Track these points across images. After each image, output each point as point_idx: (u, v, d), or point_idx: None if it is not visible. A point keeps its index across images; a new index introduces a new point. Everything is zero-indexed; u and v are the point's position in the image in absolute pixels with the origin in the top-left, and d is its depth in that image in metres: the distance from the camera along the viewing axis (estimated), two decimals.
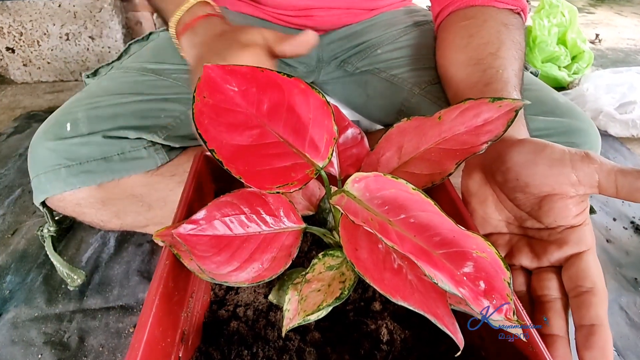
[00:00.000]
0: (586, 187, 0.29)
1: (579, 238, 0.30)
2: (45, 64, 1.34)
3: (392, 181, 0.24)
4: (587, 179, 0.29)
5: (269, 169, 0.27)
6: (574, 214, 0.31)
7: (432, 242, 0.24)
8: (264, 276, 0.29)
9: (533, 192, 0.31)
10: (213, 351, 0.32)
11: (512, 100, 0.28)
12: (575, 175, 0.29)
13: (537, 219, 0.32)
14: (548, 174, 0.30)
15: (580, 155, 0.29)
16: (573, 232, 0.31)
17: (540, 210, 0.31)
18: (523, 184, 0.31)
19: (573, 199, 0.30)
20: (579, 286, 0.29)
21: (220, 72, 0.29)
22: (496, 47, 0.46)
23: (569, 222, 0.31)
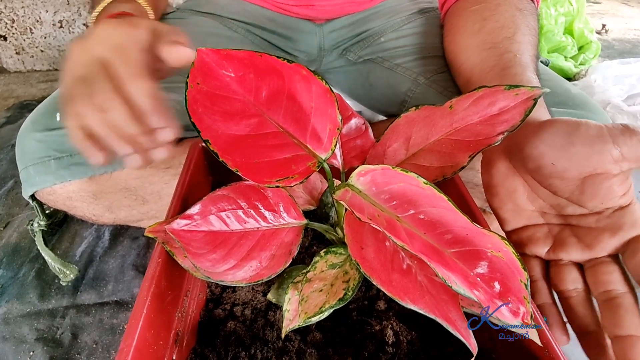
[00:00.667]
0: (631, 162, 0.26)
1: (634, 219, 0.27)
2: (38, 52, 1.31)
3: (401, 174, 0.22)
4: (632, 153, 0.26)
5: (268, 161, 0.25)
6: (620, 194, 0.28)
7: (443, 240, 0.23)
8: (262, 275, 0.27)
9: (573, 175, 0.28)
10: (209, 353, 0.30)
11: (530, 87, 0.26)
12: (618, 150, 0.26)
13: (580, 204, 0.29)
14: (588, 153, 0.27)
15: (619, 129, 0.27)
16: (625, 213, 0.28)
17: (583, 194, 0.29)
18: (561, 168, 0.28)
19: (617, 177, 0.27)
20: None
21: (215, 56, 0.27)
22: (512, 31, 0.43)
23: (617, 202, 0.28)
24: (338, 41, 0.66)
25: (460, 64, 0.47)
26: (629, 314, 0.26)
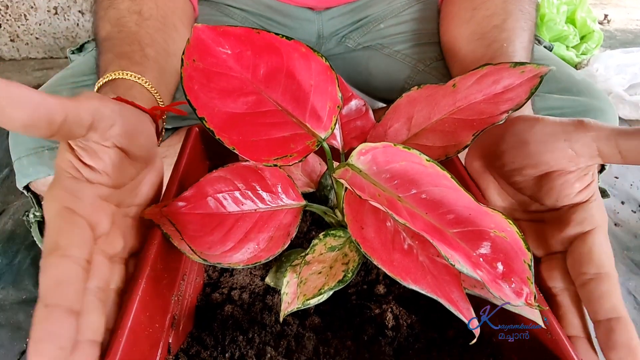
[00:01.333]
0: (586, 158, 0.26)
1: (583, 217, 0.27)
2: (33, 39, 1.29)
3: (403, 152, 0.22)
4: (585, 149, 0.25)
5: (266, 140, 0.25)
6: (577, 190, 0.27)
7: (446, 220, 0.22)
8: (260, 257, 0.26)
9: (530, 173, 0.28)
10: (206, 337, 0.30)
11: (536, 65, 0.25)
12: (571, 147, 0.26)
13: (540, 201, 0.29)
14: (542, 151, 0.27)
15: (573, 125, 0.26)
16: (576, 210, 0.28)
17: (541, 192, 0.29)
18: (519, 166, 0.28)
19: (574, 174, 0.27)
20: (582, 273, 0.26)
21: (211, 33, 0.26)
22: (502, 18, 0.42)
23: (572, 199, 0.28)
24: (337, 28, 0.65)
25: (454, 54, 0.47)
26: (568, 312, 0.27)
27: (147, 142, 0.29)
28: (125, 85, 0.35)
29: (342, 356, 0.28)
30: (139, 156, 0.27)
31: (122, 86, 0.34)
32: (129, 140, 0.25)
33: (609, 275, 0.26)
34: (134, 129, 0.26)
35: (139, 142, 0.27)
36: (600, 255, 0.26)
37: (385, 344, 0.29)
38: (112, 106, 0.25)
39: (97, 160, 0.24)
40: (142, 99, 0.35)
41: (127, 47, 0.39)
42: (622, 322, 0.24)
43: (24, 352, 0.50)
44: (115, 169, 0.25)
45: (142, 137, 0.28)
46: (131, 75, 0.35)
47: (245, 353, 0.28)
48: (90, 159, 0.24)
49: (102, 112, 0.23)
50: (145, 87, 0.35)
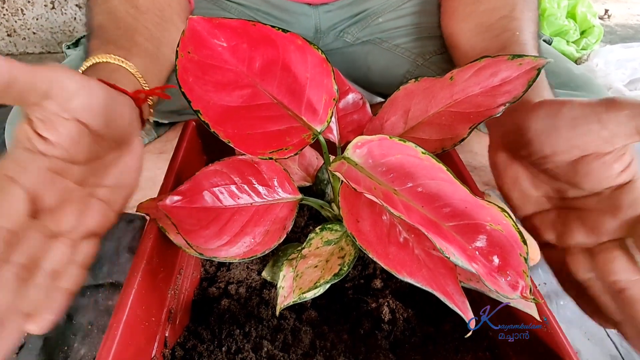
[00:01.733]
0: (623, 138, 0.24)
1: (633, 197, 0.25)
2: (30, 34, 1.28)
3: (398, 145, 0.22)
4: (621, 128, 0.24)
5: (261, 133, 0.25)
6: (618, 171, 0.26)
7: (442, 213, 0.22)
8: (256, 251, 0.26)
9: (563, 159, 0.27)
10: (202, 330, 0.30)
11: (534, 57, 0.25)
12: (605, 129, 0.25)
13: (578, 186, 0.28)
14: (572, 136, 0.25)
15: (604, 105, 0.24)
16: (623, 192, 0.26)
17: (578, 176, 0.27)
18: (549, 153, 0.27)
19: (611, 155, 0.26)
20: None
21: (206, 25, 0.26)
22: (509, 9, 0.42)
23: (615, 181, 0.26)
24: (335, 22, 0.64)
25: (457, 48, 0.46)
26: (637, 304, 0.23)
27: (122, 123, 0.27)
28: (109, 69, 0.33)
29: (339, 350, 0.28)
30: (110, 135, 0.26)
31: (105, 69, 0.33)
32: (93, 115, 0.24)
33: None
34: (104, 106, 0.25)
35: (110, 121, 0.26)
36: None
37: (382, 337, 0.29)
38: (79, 80, 0.23)
39: (53, 132, 0.23)
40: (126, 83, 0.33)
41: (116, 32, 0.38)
42: None
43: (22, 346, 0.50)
44: (73, 143, 0.24)
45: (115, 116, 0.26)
46: (115, 59, 0.34)
47: (241, 347, 0.28)
48: (46, 130, 0.23)
49: (64, 83, 0.22)
50: (130, 71, 0.34)
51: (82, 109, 0.23)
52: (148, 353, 0.26)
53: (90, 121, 0.24)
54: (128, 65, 0.34)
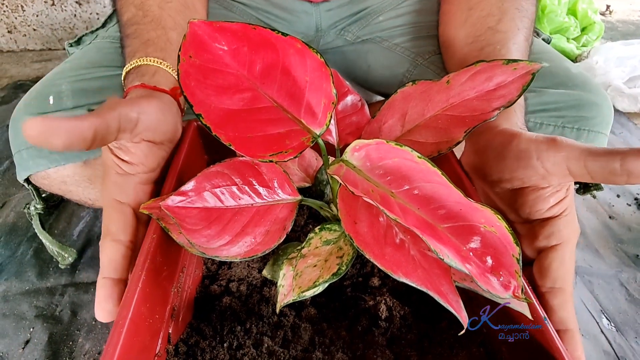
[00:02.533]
0: (558, 177, 0.26)
1: (550, 231, 0.28)
2: (30, 30, 1.28)
3: (395, 149, 0.22)
4: (556, 169, 0.26)
5: (262, 136, 0.25)
6: (550, 205, 0.28)
7: (437, 215, 0.23)
8: (256, 251, 0.27)
9: (506, 187, 0.29)
10: (205, 327, 0.31)
11: (529, 62, 0.25)
12: (542, 166, 0.26)
13: (515, 213, 0.30)
14: (515, 167, 0.28)
15: (546, 143, 0.26)
16: (545, 225, 0.28)
17: (515, 204, 0.30)
18: (497, 178, 0.29)
19: (547, 189, 0.28)
20: (540, 285, 0.28)
21: (207, 29, 0.27)
22: (497, 18, 0.42)
23: (544, 214, 0.28)
24: (335, 20, 0.64)
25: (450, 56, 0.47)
26: None
27: (171, 126, 0.33)
28: (150, 71, 0.37)
29: (337, 346, 0.29)
30: (165, 140, 0.32)
31: (146, 72, 0.37)
32: (153, 131, 0.30)
33: (562, 290, 0.27)
34: (157, 120, 0.31)
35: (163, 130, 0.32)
36: (557, 271, 0.27)
37: (379, 334, 0.29)
38: (134, 108, 0.29)
39: (132, 155, 0.30)
40: (166, 82, 0.37)
41: (152, 33, 0.41)
42: (569, 334, 0.26)
43: (28, 341, 0.51)
44: (147, 158, 0.30)
45: (165, 124, 0.32)
46: (154, 61, 0.38)
47: (243, 343, 0.29)
48: (126, 155, 0.30)
49: (127, 116, 0.27)
50: (168, 71, 0.38)
51: (145, 130, 0.29)
52: (152, 349, 0.27)
53: (152, 137, 0.30)
54: (165, 65, 0.38)
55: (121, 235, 0.28)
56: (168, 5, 0.44)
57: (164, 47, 0.40)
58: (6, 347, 0.50)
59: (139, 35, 0.41)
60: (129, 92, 0.35)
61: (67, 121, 0.23)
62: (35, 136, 0.22)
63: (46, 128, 0.22)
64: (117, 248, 0.28)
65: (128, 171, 0.30)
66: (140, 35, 0.41)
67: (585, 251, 0.64)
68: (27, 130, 0.21)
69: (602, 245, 0.65)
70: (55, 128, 0.22)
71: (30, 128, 0.21)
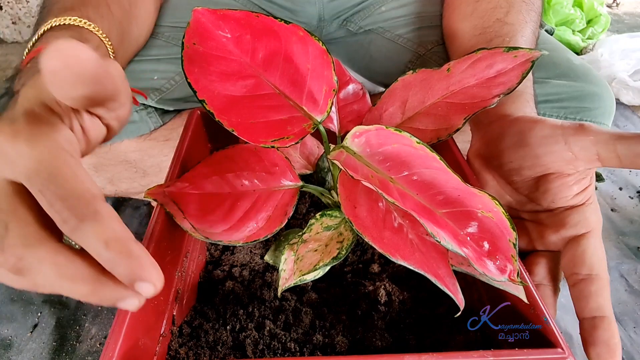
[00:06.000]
0: (585, 162, 0.26)
1: (578, 219, 0.28)
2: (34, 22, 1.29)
3: (395, 135, 0.23)
4: (584, 153, 0.26)
5: (264, 122, 0.26)
6: (574, 193, 0.28)
7: (436, 200, 0.23)
8: (258, 235, 0.28)
9: (528, 174, 0.29)
10: (208, 310, 0.31)
11: (529, 50, 0.26)
12: (570, 151, 0.26)
13: (536, 202, 0.30)
14: (540, 154, 0.27)
15: (573, 128, 0.26)
16: (572, 213, 0.28)
17: (537, 192, 0.29)
18: (517, 166, 0.29)
19: (572, 176, 0.28)
20: (575, 273, 0.27)
21: (211, 17, 0.27)
22: (504, 11, 0.41)
23: (569, 202, 0.28)
24: (338, 11, 0.64)
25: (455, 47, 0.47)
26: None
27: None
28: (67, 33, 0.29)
29: (337, 329, 0.30)
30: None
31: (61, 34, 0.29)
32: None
33: (599, 277, 0.27)
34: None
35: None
36: (592, 258, 0.27)
37: (378, 318, 0.30)
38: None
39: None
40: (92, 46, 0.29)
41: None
42: (605, 321, 0.26)
43: (36, 325, 0.52)
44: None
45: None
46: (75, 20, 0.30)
47: (245, 326, 0.30)
48: None
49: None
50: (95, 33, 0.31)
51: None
52: (157, 329, 0.27)
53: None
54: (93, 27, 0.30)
55: None
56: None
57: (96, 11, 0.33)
58: (15, 331, 0.51)
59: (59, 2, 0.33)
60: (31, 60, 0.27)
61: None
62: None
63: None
64: None
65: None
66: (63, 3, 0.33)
67: None
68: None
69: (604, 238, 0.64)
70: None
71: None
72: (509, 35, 0.39)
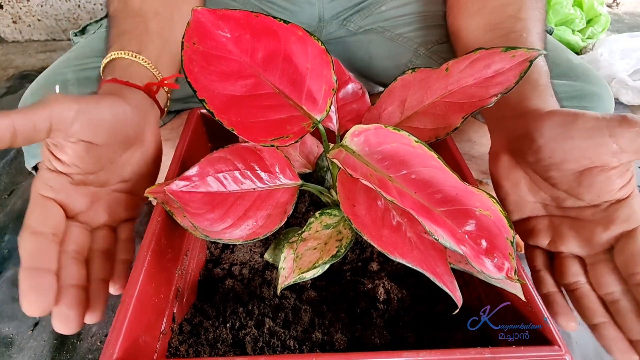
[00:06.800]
0: (630, 154, 0.26)
1: (628, 213, 0.27)
2: (35, 21, 1.29)
3: (393, 134, 0.23)
4: (630, 145, 0.25)
5: (264, 121, 0.26)
6: (619, 186, 0.27)
7: (434, 199, 0.23)
8: (258, 233, 0.28)
9: (570, 168, 0.28)
10: (208, 308, 0.32)
11: (527, 49, 0.26)
12: (615, 143, 0.26)
13: (578, 197, 0.29)
14: (585, 146, 0.27)
15: (617, 120, 0.26)
16: (620, 207, 0.27)
17: (580, 187, 0.28)
18: (559, 160, 0.28)
19: (616, 170, 0.27)
20: (636, 273, 0.25)
21: (211, 16, 0.27)
22: (517, 7, 0.41)
23: (614, 196, 0.27)
24: (338, 11, 0.64)
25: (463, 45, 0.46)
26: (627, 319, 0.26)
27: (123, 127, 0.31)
28: (122, 65, 0.36)
29: (336, 327, 0.30)
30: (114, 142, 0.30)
31: (121, 65, 0.36)
32: (94, 132, 0.28)
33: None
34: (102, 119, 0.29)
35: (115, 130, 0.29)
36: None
37: (377, 316, 0.30)
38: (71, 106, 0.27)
39: (64, 154, 0.28)
40: (140, 76, 0.36)
41: (129, 22, 0.40)
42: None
43: (36, 324, 0.52)
44: (82, 160, 0.28)
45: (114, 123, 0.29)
46: (128, 54, 0.36)
47: (245, 323, 0.30)
48: (59, 153, 0.28)
49: (61, 115, 0.26)
50: (143, 65, 0.36)
51: (82, 131, 0.27)
52: (158, 327, 0.28)
53: (93, 138, 0.28)
54: (140, 59, 0.37)
55: (40, 227, 0.26)
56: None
57: (140, 38, 0.38)
58: (16, 329, 0.51)
59: (116, 26, 0.40)
60: (101, 86, 0.34)
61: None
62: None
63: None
64: (35, 239, 0.25)
65: (60, 169, 0.28)
66: (117, 25, 0.40)
67: None
68: None
69: None
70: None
71: None
72: (525, 31, 0.38)
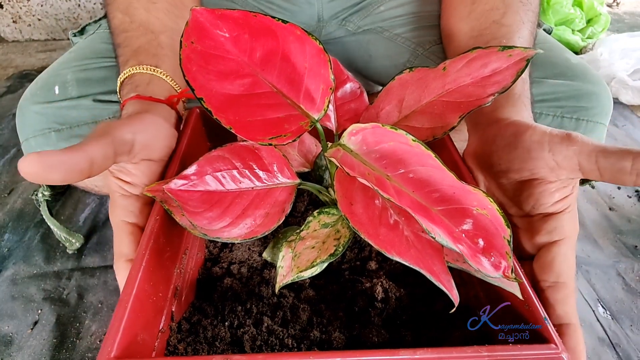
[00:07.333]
0: (567, 171, 0.27)
1: (553, 227, 0.28)
2: (35, 20, 1.29)
3: (391, 132, 0.23)
4: (567, 163, 0.26)
5: (261, 120, 0.26)
6: (555, 200, 0.28)
7: (431, 198, 0.23)
8: (256, 232, 0.28)
9: (514, 177, 0.29)
10: (207, 307, 0.32)
11: (524, 48, 0.26)
12: (553, 159, 0.27)
13: (518, 206, 0.30)
14: (526, 158, 0.28)
15: (560, 137, 0.26)
16: (548, 220, 0.29)
17: (521, 196, 0.30)
18: (504, 169, 0.30)
19: (554, 184, 0.28)
20: (542, 280, 0.28)
21: (209, 16, 0.27)
22: (501, 12, 0.41)
23: (548, 209, 0.29)
24: (337, 11, 0.65)
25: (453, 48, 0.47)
26: None
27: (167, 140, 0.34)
28: (144, 80, 0.37)
29: (334, 326, 0.30)
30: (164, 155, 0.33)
31: (140, 82, 0.37)
32: (151, 149, 0.31)
33: (565, 284, 0.27)
34: (153, 136, 0.31)
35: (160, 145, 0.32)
36: (560, 266, 0.28)
37: (375, 315, 0.30)
38: (128, 129, 0.29)
39: (133, 176, 0.30)
40: (161, 90, 0.37)
41: (142, 39, 0.41)
42: (571, 328, 0.26)
43: (36, 322, 0.53)
44: (148, 177, 0.31)
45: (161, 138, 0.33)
46: (147, 69, 0.38)
47: (243, 322, 0.30)
48: (127, 176, 0.30)
49: (121, 139, 0.28)
50: (162, 78, 0.38)
51: (142, 151, 0.30)
52: (156, 325, 0.28)
53: (151, 155, 0.31)
54: (159, 72, 0.38)
55: (134, 254, 0.29)
56: (155, 7, 0.43)
57: (156, 53, 0.40)
58: (15, 328, 0.51)
59: (129, 44, 0.41)
60: (125, 104, 0.35)
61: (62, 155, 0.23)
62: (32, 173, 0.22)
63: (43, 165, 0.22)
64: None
65: (132, 192, 0.31)
66: (131, 43, 0.41)
67: (584, 242, 0.64)
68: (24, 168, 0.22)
69: (601, 236, 0.65)
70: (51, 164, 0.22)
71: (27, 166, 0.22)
72: (506, 37, 0.39)
